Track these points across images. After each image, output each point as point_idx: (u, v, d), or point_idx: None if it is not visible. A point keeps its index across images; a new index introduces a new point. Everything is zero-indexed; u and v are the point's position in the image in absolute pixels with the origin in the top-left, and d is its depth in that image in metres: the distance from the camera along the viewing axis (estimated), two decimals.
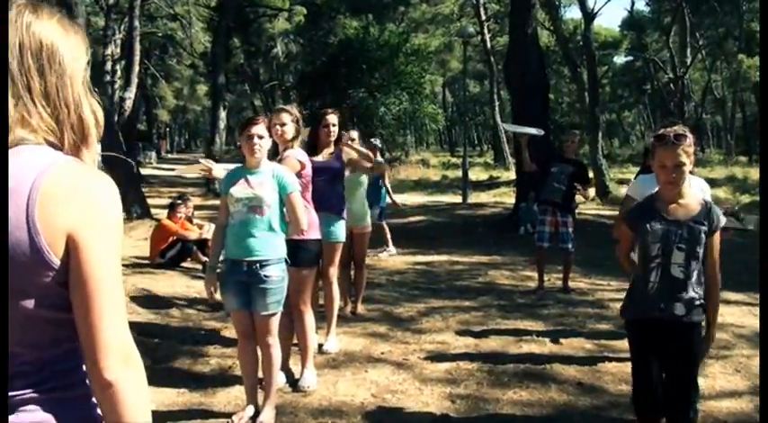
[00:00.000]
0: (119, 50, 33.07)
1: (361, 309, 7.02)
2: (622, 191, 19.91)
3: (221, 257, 4.31)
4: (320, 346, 5.67)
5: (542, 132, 7.89)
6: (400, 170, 33.35)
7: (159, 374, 4.99)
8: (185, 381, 4.94)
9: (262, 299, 4.07)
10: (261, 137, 4.13)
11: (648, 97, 61.95)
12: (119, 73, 32.54)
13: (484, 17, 40.10)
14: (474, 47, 49.18)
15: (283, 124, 4.84)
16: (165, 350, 5.64)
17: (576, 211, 14.18)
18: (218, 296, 4.29)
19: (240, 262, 4.08)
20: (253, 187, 4.11)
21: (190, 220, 10.00)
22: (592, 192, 13.54)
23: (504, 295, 8.11)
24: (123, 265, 6.11)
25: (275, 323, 4.18)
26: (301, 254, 4.68)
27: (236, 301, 4.14)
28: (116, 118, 26.76)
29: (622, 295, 7.08)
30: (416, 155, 50.05)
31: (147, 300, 7.09)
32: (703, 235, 3.19)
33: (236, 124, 66.94)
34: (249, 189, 4.10)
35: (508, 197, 20.75)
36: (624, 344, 5.97)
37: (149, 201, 14.59)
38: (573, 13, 67.27)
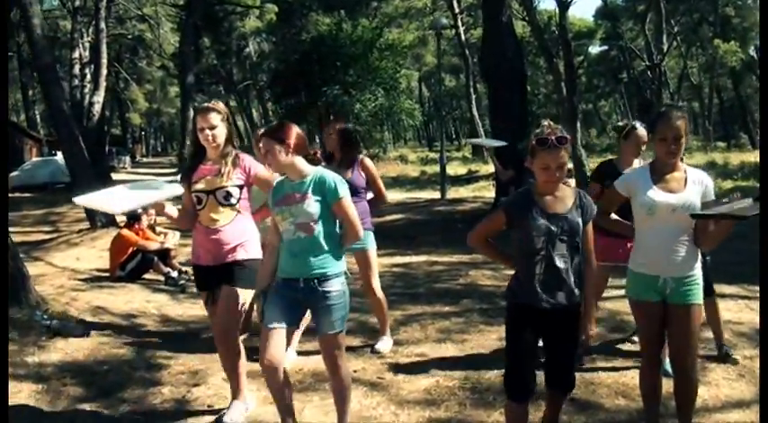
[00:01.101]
0: (87, 54, 32.28)
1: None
2: None
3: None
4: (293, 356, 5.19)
5: (504, 144, 7.39)
6: (378, 167, 32.83)
7: (104, 409, 4.49)
8: (133, 417, 4.40)
9: (327, 317, 3.72)
10: (269, 151, 3.73)
11: (624, 86, 61.88)
12: (88, 77, 31.73)
13: (457, 10, 39.65)
14: (448, 40, 48.82)
15: (213, 127, 4.19)
16: (114, 377, 5.10)
17: None
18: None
19: (296, 280, 3.69)
20: (297, 202, 3.67)
21: (153, 228, 9.45)
22: (572, 182, 13.14)
23: (487, 298, 7.62)
24: (81, 280, 5.59)
25: (342, 340, 3.86)
26: (241, 273, 4.20)
27: (281, 316, 3.69)
28: (85, 122, 26.09)
29: (610, 294, 6.70)
30: (394, 151, 49.62)
31: (100, 319, 6.54)
32: (580, 225, 3.42)
33: None
34: (293, 205, 3.67)
35: (487, 191, 20.33)
36: (619, 350, 5.57)
37: None
38: (546, 4, 67.31)
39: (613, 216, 3.98)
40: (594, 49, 60.69)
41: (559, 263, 3.36)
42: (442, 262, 10.09)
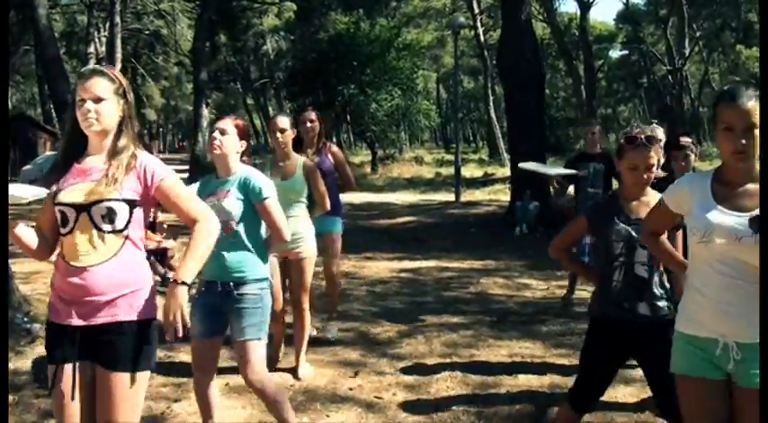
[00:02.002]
0: (103, 49, 32.16)
1: (302, 373, 5.04)
2: None
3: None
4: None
5: (573, 173, 6.52)
6: (393, 168, 32.50)
7: None
8: None
9: (238, 322, 3.53)
10: (223, 132, 3.61)
11: (644, 91, 61.22)
12: None
13: (477, 10, 39.18)
14: (467, 42, 48.35)
15: (97, 99, 2.64)
16: None
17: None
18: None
19: (214, 283, 3.58)
20: (218, 198, 3.57)
21: (153, 226, 9.07)
22: None
23: (498, 309, 7.19)
24: None
25: (257, 353, 3.52)
26: (124, 345, 2.61)
27: (204, 328, 3.59)
28: None
29: None
30: (410, 152, 49.23)
31: None
32: (665, 232, 3.06)
33: None
34: (215, 201, 3.53)
35: (503, 194, 19.87)
36: (636, 372, 5.11)
37: None
38: (566, 7, 66.70)
39: (665, 242, 2.98)
40: (615, 54, 60.12)
41: (639, 271, 3.13)
42: (452, 268, 9.65)
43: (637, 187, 3.17)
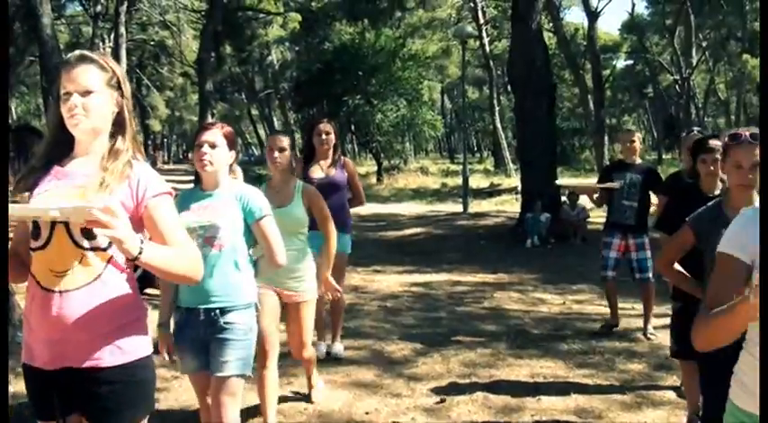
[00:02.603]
0: None
1: (315, 395, 4.78)
2: None
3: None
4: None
5: (617, 186, 6.26)
6: (398, 178, 32.32)
7: None
8: None
9: (219, 354, 3.16)
10: (213, 146, 3.20)
11: (649, 101, 61.05)
12: None
13: (482, 20, 39.05)
14: (472, 52, 48.23)
15: (86, 92, 2.14)
16: None
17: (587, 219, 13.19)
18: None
19: (196, 310, 3.21)
20: (209, 214, 3.23)
21: None
22: None
23: (515, 325, 6.96)
24: None
25: (237, 393, 3.17)
26: (111, 398, 2.19)
27: (195, 364, 3.31)
28: None
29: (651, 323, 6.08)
30: (415, 162, 49.08)
31: None
32: None
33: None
34: (204, 216, 3.22)
35: (510, 205, 19.64)
36: (664, 394, 4.90)
37: None
38: (571, 17, 66.73)
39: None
40: (619, 64, 60.00)
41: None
42: (464, 282, 9.42)
43: (741, 190, 2.90)
